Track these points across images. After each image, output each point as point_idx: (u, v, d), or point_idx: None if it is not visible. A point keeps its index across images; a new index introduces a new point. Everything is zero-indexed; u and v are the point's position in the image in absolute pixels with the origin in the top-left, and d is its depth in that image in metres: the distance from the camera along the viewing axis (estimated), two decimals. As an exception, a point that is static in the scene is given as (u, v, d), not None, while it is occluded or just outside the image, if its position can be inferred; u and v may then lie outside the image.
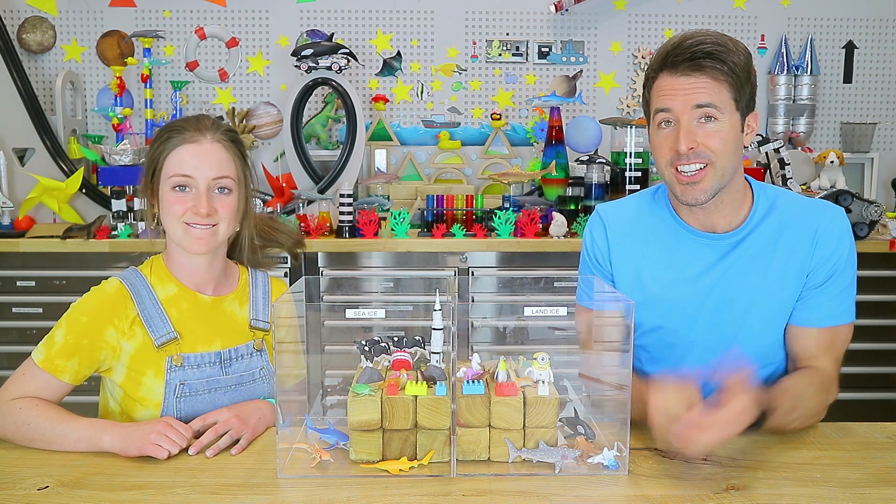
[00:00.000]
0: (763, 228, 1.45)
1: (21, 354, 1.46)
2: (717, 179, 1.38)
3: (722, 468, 1.22)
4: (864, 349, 2.96)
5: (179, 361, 1.43)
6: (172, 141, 1.45)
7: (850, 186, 3.34)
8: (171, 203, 1.43)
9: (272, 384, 1.51)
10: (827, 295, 1.43)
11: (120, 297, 1.44)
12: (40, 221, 3.23)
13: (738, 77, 1.35)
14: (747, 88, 1.37)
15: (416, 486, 1.16)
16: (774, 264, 1.44)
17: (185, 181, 1.43)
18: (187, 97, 3.47)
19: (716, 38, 1.35)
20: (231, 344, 1.50)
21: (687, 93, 1.34)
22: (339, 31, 3.46)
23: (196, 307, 1.49)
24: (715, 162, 1.36)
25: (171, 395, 1.43)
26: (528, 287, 2.26)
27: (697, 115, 1.35)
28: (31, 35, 3.40)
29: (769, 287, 1.44)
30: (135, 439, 1.26)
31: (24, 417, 1.33)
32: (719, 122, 1.35)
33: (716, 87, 1.34)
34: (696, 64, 1.34)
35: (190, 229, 1.43)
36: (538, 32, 3.50)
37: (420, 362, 1.30)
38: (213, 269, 1.52)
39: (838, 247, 1.42)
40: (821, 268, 1.42)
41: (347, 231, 2.93)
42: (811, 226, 1.43)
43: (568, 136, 3.25)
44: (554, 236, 2.91)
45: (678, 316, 1.48)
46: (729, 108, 1.36)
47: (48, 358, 1.38)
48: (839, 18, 3.53)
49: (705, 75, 1.34)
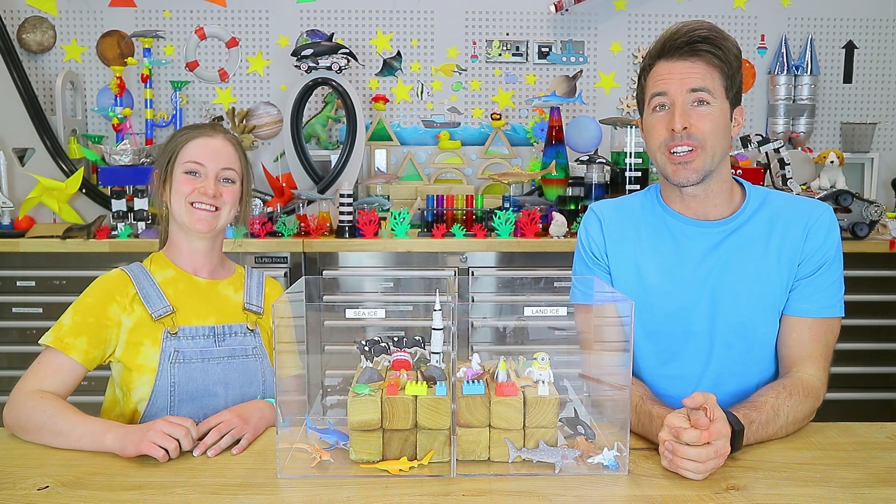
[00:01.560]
0: (757, 219, 1.51)
1: (21, 354, 1.47)
2: (708, 161, 1.44)
3: (722, 468, 1.22)
4: (864, 349, 2.96)
5: (175, 330, 1.53)
6: (190, 134, 1.63)
7: (850, 186, 3.34)
8: (181, 183, 1.58)
9: (266, 364, 1.60)
10: (818, 286, 1.48)
11: (121, 279, 1.56)
12: (40, 221, 3.23)
13: (730, 66, 1.43)
14: (737, 79, 1.46)
15: (416, 486, 1.16)
16: (769, 252, 1.49)
17: (197, 168, 1.59)
18: (187, 97, 3.47)
19: (710, 26, 1.44)
20: (225, 321, 1.60)
21: (683, 76, 1.42)
22: (339, 31, 3.46)
23: (192, 287, 1.61)
24: (705, 145, 1.43)
25: (166, 361, 1.51)
26: (528, 287, 2.26)
27: (692, 99, 1.42)
28: (31, 35, 3.40)
29: (765, 274, 1.48)
30: (133, 439, 1.27)
31: (40, 404, 1.37)
32: (711, 107, 1.43)
33: (709, 73, 1.42)
34: (692, 48, 1.42)
35: (194, 210, 1.57)
36: (538, 32, 3.50)
37: (420, 362, 1.30)
38: (212, 256, 1.64)
39: (827, 240, 1.48)
40: (811, 257, 1.48)
41: (347, 231, 2.93)
42: (802, 218, 1.49)
43: (568, 136, 3.25)
44: (554, 236, 2.91)
45: (679, 303, 1.50)
46: (720, 94, 1.44)
47: (58, 337, 1.47)
48: (839, 18, 3.53)
49: (701, 60, 1.42)
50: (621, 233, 1.57)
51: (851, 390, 2.98)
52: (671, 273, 1.51)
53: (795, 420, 1.37)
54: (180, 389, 1.51)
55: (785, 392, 1.37)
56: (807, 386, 1.41)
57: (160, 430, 1.27)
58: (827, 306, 1.48)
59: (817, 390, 1.43)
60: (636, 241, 1.55)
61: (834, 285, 1.49)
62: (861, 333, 2.93)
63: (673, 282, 1.51)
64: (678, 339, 1.51)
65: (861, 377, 2.99)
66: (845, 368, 2.96)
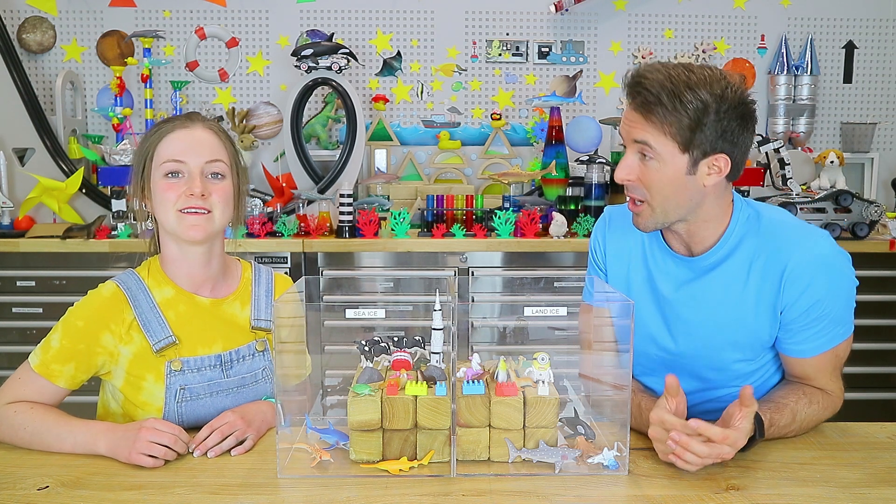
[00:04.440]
0: (738, 254, 1.39)
1: (21, 354, 1.46)
2: (658, 216, 1.35)
3: (722, 468, 1.22)
4: (864, 349, 2.95)
5: (179, 366, 1.40)
6: (162, 130, 1.41)
7: (850, 186, 3.34)
8: (163, 190, 1.38)
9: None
10: (814, 330, 1.36)
11: (116, 302, 1.40)
12: (40, 221, 3.23)
13: (682, 124, 1.26)
14: (708, 130, 1.27)
15: (416, 486, 1.16)
16: (747, 294, 1.38)
17: (178, 167, 1.38)
18: (187, 97, 3.46)
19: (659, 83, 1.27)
20: (232, 346, 1.46)
21: (630, 126, 1.32)
22: (339, 31, 3.46)
23: (194, 310, 1.45)
24: (650, 201, 1.33)
25: (173, 401, 1.40)
26: (528, 287, 2.27)
27: (637, 149, 1.32)
28: (31, 35, 3.40)
29: (742, 315, 1.39)
30: (122, 449, 1.25)
31: (20, 421, 1.32)
32: (655, 162, 1.30)
33: (651, 129, 1.29)
34: (633, 100, 1.31)
35: (184, 217, 1.38)
36: (538, 32, 3.50)
37: (420, 362, 1.30)
38: (211, 268, 1.47)
39: (813, 282, 1.33)
40: (795, 304, 1.35)
41: (347, 231, 2.93)
42: (781, 262, 1.35)
43: (568, 136, 3.25)
44: (554, 236, 2.91)
45: (654, 330, 1.47)
46: (669, 150, 1.29)
47: (44, 363, 1.37)
48: (839, 18, 3.53)
49: (641, 114, 1.29)
50: (620, 241, 1.53)
51: (851, 390, 2.92)
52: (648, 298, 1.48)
53: (808, 426, 1.37)
54: (189, 425, 1.39)
55: (805, 399, 1.36)
56: (826, 398, 1.40)
57: (146, 441, 1.24)
58: (828, 342, 1.37)
59: (835, 402, 1.41)
60: (630, 257, 1.51)
61: (834, 321, 1.36)
62: (861, 333, 2.88)
63: (648, 308, 1.47)
64: (653, 359, 1.49)
65: (861, 377, 2.99)
66: (845, 368, 2.94)
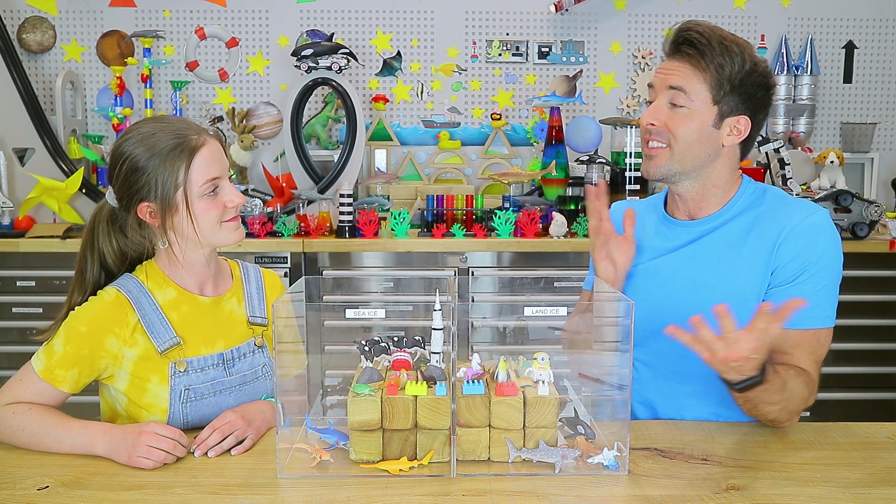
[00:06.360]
0: (739, 220, 1.47)
1: (21, 354, 1.46)
2: (674, 163, 1.44)
3: (722, 468, 1.22)
4: (864, 349, 2.96)
5: (183, 367, 1.42)
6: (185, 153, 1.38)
7: (850, 186, 3.34)
8: (206, 210, 1.40)
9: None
10: (799, 294, 1.33)
11: (119, 306, 1.41)
12: (40, 221, 3.23)
13: (723, 74, 1.39)
14: (739, 90, 1.40)
15: (416, 486, 1.16)
16: (742, 256, 1.44)
17: (216, 184, 1.41)
18: (187, 97, 3.47)
19: (709, 30, 1.40)
20: (233, 343, 1.49)
21: (666, 74, 1.43)
22: (339, 31, 3.46)
23: (196, 309, 1.47)
24: (673, 146, 1.43)
25: (177, 401, 1.41)
26: (528, 287, 2.27)
27: (669, 97, 1.42)
28: (31, 35, 3.40)
29: (734, 278, 1.43)
30: (121, 451, 1.25)
31: (18, 422, 1.32)
32: (686, 110, 1.41)
33: (691, 75, 1.40)
34: (677, 49, 1.42)
35: (226, 226, 1.44)
36: (538, 32, 3.50)
37: (420, 362, 1.30)
38: (212, 266, 1.51)
39: (809, 245, 1.38)
40: (787, 265, 1.40)
41: (347, 231, 2.93)
42: (780, 223, 1.41)
43: (568, 136, 3.25)
44: (554, 236, 2.91)
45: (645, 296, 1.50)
46: (702, 99, 1.41)
47: (48, 368, 1.37)
48: (839, 18, 3.53)
49: (685, 62, 1.41)
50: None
51: (851, 390, 2.98)
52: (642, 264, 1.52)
53: (793, 401, 1.34)
54: (193, 425, 1.42)
55: (792, 371, 1.35)
56: (807, 378, 1.37)
57: (146, 446, 1.24)
58: (810, 317, 1.36)
59: (813, 387, 1.39)
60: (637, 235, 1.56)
61: (819, 294, 1.38)
62: (861, 333, 2.93)
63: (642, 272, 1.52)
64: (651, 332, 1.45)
65: (861, 377, 2.99)
66: (845, 368, 2.96)
